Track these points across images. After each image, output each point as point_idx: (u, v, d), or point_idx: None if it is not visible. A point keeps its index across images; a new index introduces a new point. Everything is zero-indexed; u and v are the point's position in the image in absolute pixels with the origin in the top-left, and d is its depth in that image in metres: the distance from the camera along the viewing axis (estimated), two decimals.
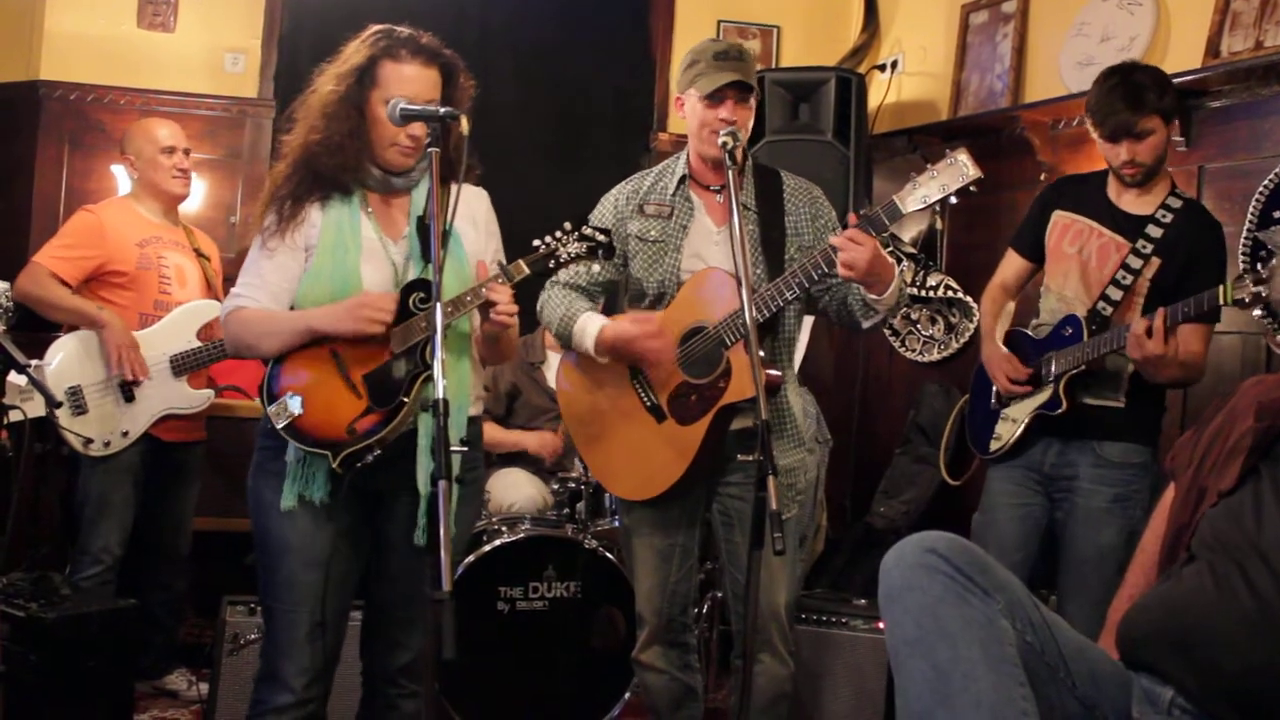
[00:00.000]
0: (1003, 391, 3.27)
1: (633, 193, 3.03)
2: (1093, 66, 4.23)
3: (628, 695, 3.66)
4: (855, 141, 4.75)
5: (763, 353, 2.76)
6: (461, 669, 3.40)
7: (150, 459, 3.83)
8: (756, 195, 2.96)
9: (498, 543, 3.62)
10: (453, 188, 2.39)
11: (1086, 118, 3.19)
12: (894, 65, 5.34)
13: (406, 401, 2.45)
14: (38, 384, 3.02)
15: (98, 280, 3.78)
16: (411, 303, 2.49)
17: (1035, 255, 3.38)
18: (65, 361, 3.69)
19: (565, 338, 2.99)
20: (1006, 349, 3.32)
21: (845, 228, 2.67)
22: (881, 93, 5.31)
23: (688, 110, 2.94)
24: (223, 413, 4.06)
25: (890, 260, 2.70)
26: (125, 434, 3.74)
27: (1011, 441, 3.24)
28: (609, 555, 3.68)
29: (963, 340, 4.90)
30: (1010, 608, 1.84)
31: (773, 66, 5.46)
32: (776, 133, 4.77)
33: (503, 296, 2.45)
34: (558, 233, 2.54)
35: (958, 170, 2.56)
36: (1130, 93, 3.05)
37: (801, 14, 5.66)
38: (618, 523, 3.30)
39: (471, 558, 3.58)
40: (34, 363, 3.43)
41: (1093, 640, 2.07)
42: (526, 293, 2.55)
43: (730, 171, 2.73)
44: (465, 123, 2.34)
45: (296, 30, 5.16)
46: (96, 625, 3.26)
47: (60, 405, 3.52)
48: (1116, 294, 3.12)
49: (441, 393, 2.11)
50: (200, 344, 3.79)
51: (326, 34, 2.65)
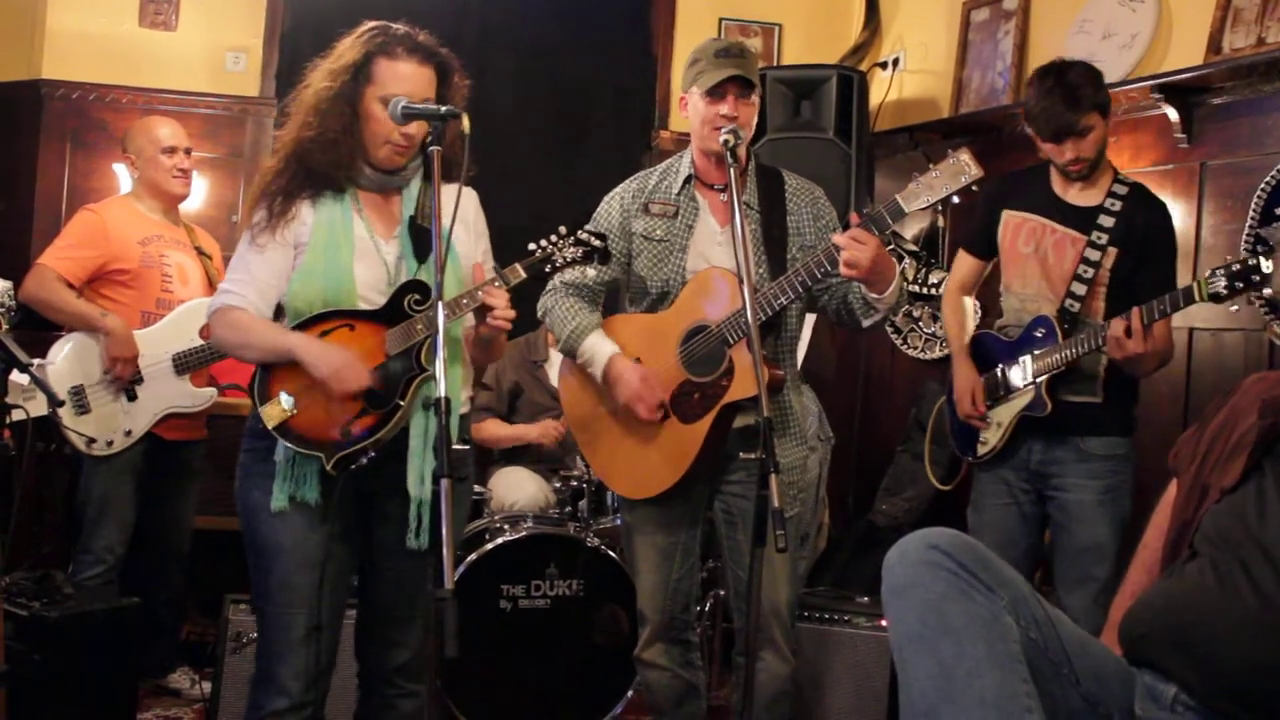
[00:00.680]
0: (961, 414, 3.32)
1: (637, 191, 3.03)
2: (1095, 64, 4.22)
3: (630, 693, 3.66)
4: (857, 139, 4.75)
5: (765, 351, 2.76)
6: (464, 667, 3.40)
7: (152, 458, 3.83)
8: (759, 195, 2.97)
9: (500, 541, 3.62)
10: (452, 188, 2.37)
11: (1026, 123, 3.24)
12: (895, 63, 5.34)
13: (403, 404, 2.44)
14: (40, 383, 3.02)
15: (100, 279, 3.78)
16: (407, 304, 2.48)
17: (986, 253, 3.44)
18: (68, 361, 3.69)
19: (571, 353, 3.00)
20: (974, 371, 3.33)
21: (847, 227, 2.68)
22: (883, 90, 5.31)
23: (690, 108, 2.94)
24: (224, 411, 4.05)
25: (891, 259, 2.71)
26: (128, 433, 3.74)
27: (999, 446, 3.27)
28: (611, 553, 3.68)
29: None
30: (1014, 604, 1.84)
31: (774, 64, 5.46)
32: (778, 131, 4.77)
33: (500, 301, 2.45)
34: (553, 236, 2.54)
35: (959, 169, 2.57)
36: (1068, 93, 3.11)
37: (803, 12, 5.66)
38: (620, 521, 3.30)
39: (474, 556, 3.58)
40: (36, 362, 3.43)
41: (1095, 635, 2.07)
42: (524, 294, 2.54)
43: (731, 169, 2.74)
44: (466, 122, 2.33)
45: (298, 29, 5.16)
46: (99, 624, 3.27)
47: (63, 404, 3.52)
48: (1081, 289, 3.17)
49: (443, 391, 2.11)
50: (202, 342, 3.78)
51: (328, 33, 2.63)
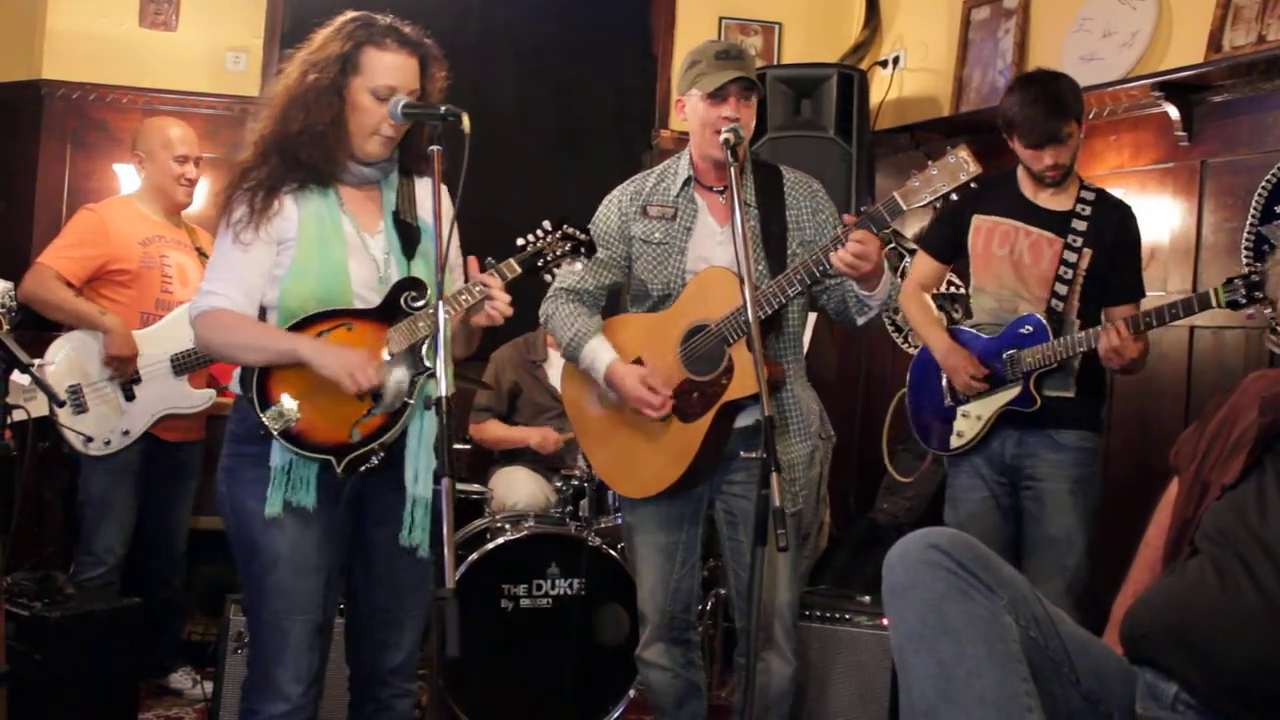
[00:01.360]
0: (963, 390, 3.35)
1: (635, 194, 3.03)
2: (1096, 62, 4.23)
3: (632, 692, 3.66)
4: (857, 138, 4.75)
5: (766, 349, 2.75)
6: (465, 667, 3.41)
7: (150, 458, 3.83)
8: (757, 191, 2.96)
9: (501, 541, 3.62)
10: (440, 184, 2.35)
11: (1006, 129, 3.30)
12: (895, 61, 5.34)
13: (410, 402, 2.44)
14: (41, 383, 3.02)
15: (100, 279, 3.78)
16: (404, 301, 2.46)
17: (948, 256, 3.53)
18: (66, 360, 3.69)
19: (572, 358, 3.01)
20: (961, 348, 3.39)
21: (843, 225, 2.68)
22: (883, 89, 5.31)
23: (689, 111, 2.93)
24: (223, 412, 4.04)
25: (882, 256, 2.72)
26: (126, 433, 3.74)
27: (976, 438, 3.34)
28: (612, 553, 3.68)
29: None
30: (1014, 603, 1.84)
31: (774, 63, 5.46)
32: (778, 129, 4.77)
33: (500, 294, 2.42)
34: (539, 231, 2.53)
35: (958, 167, 2.57)
36: (1053, 102, 3.22)
37: (803, 10, 5.65)
38: (621, 520, 3.30)
39: (475, 555, 3.58)
40: (37, 362, 3.43)
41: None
42: (522, 294, 2.53)
43: (732, 169, 2.73)
44: (466, 121, 2.32)
45: (298, 29, 5.09)
46: (101, 624, 3.27)
47: (63, 404, 3.51)
48: (1063, 289, 3.28)
49: (445, 391, 2.10)
50: None
51: None
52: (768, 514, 2.35)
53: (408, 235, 2.53)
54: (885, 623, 3.33)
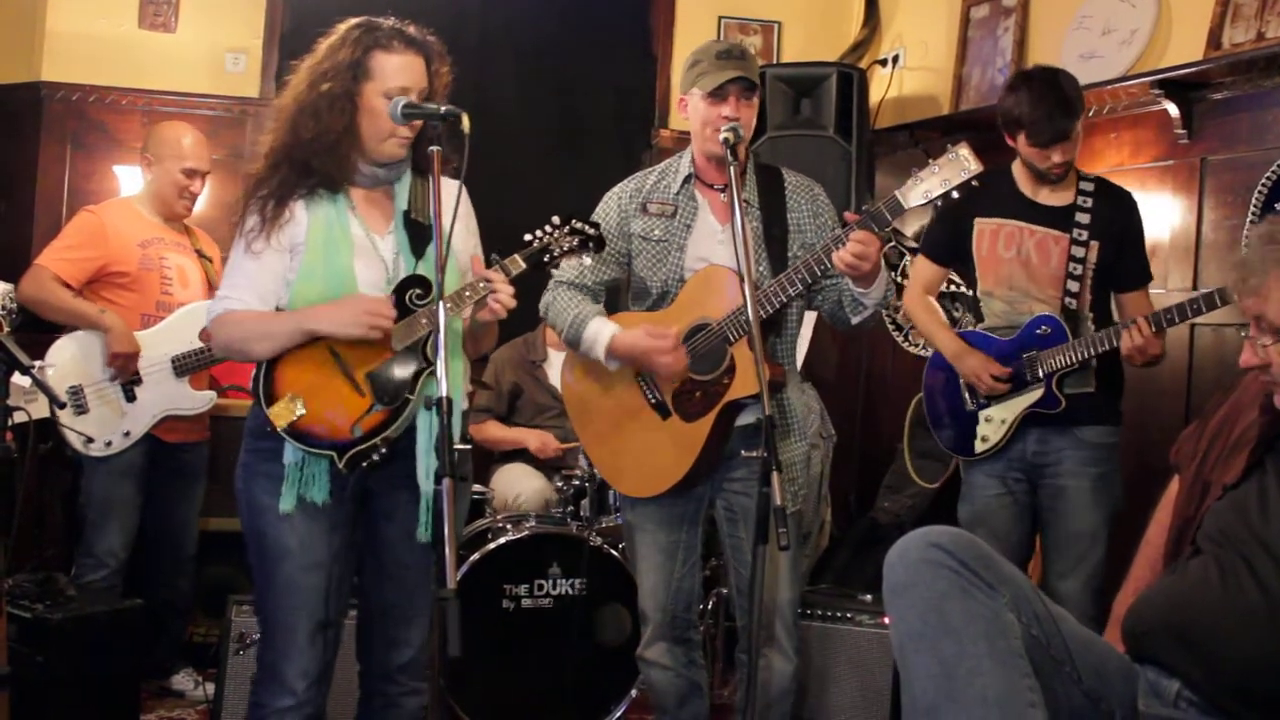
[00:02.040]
0: (985, 392, 3.31)
1: (635, 191, 3.03)
2: (1095, 60, 4.23)
3: (633, 692, 3.66)
4: (857, 137, 4.74)
5: (766, 350, 2.75)
6: (467, 667, 3.40)
7: (153, 460, 3.83)
8: (759, 192, 2.96)
9: (502, 540, 3.62)
10: (450, 184, 2.37)
11: (1011, 127, 3.26)
12: (895, 60, 5.33)
13: (411, 399, 2.45)
14: (42, 385, 3.02)
15: (100, 281, 3.78)
16: (409, 299, 2.47)
17: (950, 260, 3.51)
18: (67, 361, 3.68)
19: (574, 342, 2.98)
20: (978, 351, 3.35)
21: (843, 224, 2.68)
22: (883, 88, 5.30)
23: (690, 110, 2.94)
24: (226, 413, 4.05)
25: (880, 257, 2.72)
26: (127, 434, 3.74)
27: (1001, 442, 3.30)
28: (614, 552, 3.68)
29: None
30: (1015, 602, 1.84)
31: (774, 62, 5.45)
32: (778, 128, 4.77)
33: (502, 285, 2.43)
34: (547, 226, 2.54)
35: (959, 165, 2.57)
36: (1062, 101, 3.19)
37: (802, 9, 5.65)
38: (621, 519, 3.30)
39: (476, 555, 3.58)
40: (37, 364, 3.43)
41: (1088, 622, 2.07)
42: (524, 290, 2.54)
43: (732, 167, 2.73)
44: (466, 120, 2.33)
45: (297, 30, 5.15)
46: (102, 626, 3.27)
47: (64, 406, 3.51)
48: (1075, 286, 3.26)
49: (445, 390, 2.11)
50: (202, 345, 3.77)
51: (326, 33, 2.63)
52: (769, 512, 2.36)
53: (418, 234, 2.54)
54: (887, 621, 3.33)
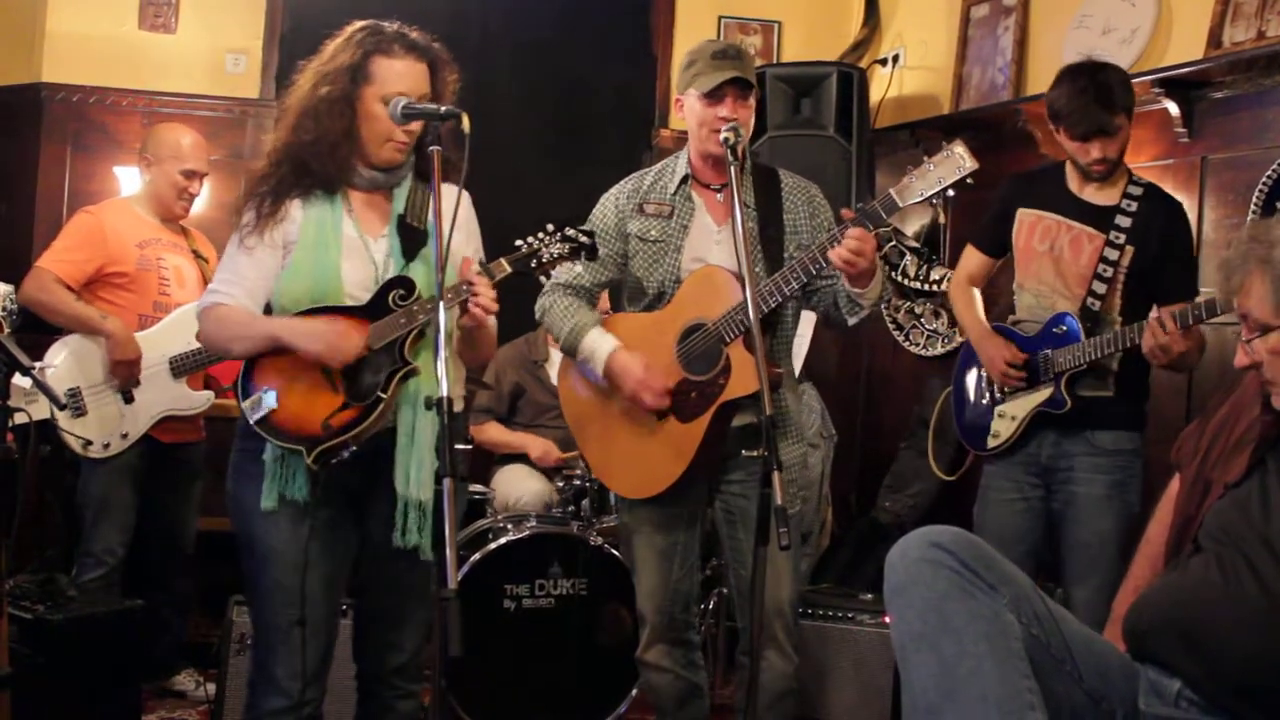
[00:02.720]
0: (999, 382, 3.28)
1: (633, 192, 3.03)
2: (1095, 58, 4.22)
3: (634, 692, 3.66)
4: (857, 136, 4.74)
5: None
6: (468, 667, 3.41)
7: (150, 460, 3.83)
8: (756, 193, 2.96)
9: (503, 540, 3.62)
10: (450, 188, 2.37)
11: (1054, 120, 3.22)
12: (895, 60, 5.33)
13: (384, 397, 2.43)
14: (42, 386, 3.02)
15: (98, 282, 3.77)
16: (391, 299, 2.47)
17: (996, 251, 3.44)
18: (65, 363, 3.69)
19: (571, 350, 2.98)
20: (1004, 342, 3.31)
21: (840, 222, 2.68)
22: (883, 87, 5.30)
23: (687, 110, 2.94)
24: (224, 414, 4.05)
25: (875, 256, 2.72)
26: (124, 436, 3.74)
27: (1011, 439, 3.26)
28: (614, 552, 3.68)
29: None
30: (1015, 601, 1.84)
31: (774, 62, 5.45)
32: (778, 128, 4.76)
33: (483, 288, 2.41)
34: (540, 234, 2.53)
35: (954, 163, 2.57)
36: (1102, 94, 3.10)
37: (802, 9, 5.65)
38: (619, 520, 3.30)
39: (477, 556, 3.58)
40: (38, 365, 3.43)
41: (1101, 629, 2.07)
42: (518, 293, 2.53)
43: (732, 168, 2.73)
44: (466, 121, 2.33)
45: (297, 31, 5.15)
46: (103, 627, 3.26)
47: (65, 407, 3.52)
48: (1101, 287, 3.17)
49: (445, 390, 2.10)
50: (199, 345, 3.77)
51: (327, 34, 2.63)
52: (769, 513, 2.35)
53: (411, 238, 2.54)
54: (888, 621, 3.33)
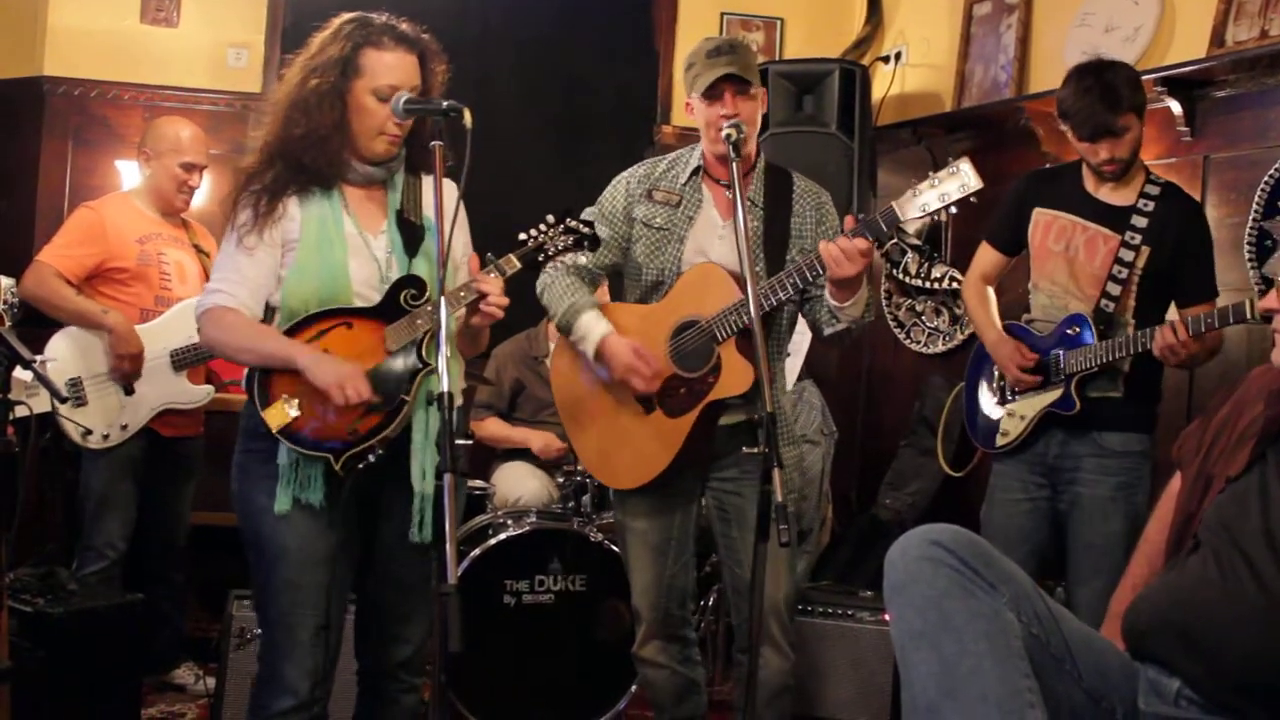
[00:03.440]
0: (1012, 382, 3.28)
1: (644, 176, 3.03)
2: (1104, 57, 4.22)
3: (634, 687, 3.66)
4: (859, 133, 4.74)
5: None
6: (468, 662, 3.41)
7: (149, 453, 3.84)
8: (765, 193, 2.97)
9: (503, 536, 3.63)
10: (446, 183, 2.37)
11: (1063, 120, 3.20)
12: (897, 57, 5.33)
13: (408, 399, 2.44)
14: (43, 379, 3.03)
15: (99, 277, 3.78)
16: (403, 299, 2.47)
17: (1011, 249, 3.42)
18: (65, 354, 3.69)
19: (565, 330, 2.98)
20: (1016, 342, 3.31)
21: (843, 231, 2.68)
22: (885, 84, 5.30)
23: (695, 112, 2.94)
24: (224, 407, 4.05)
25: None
26: (124, 427, 3.75)
27: (1020, 438, 3.26)
28: (614, 548, 3.68)
29: (967, 332, 4.89)
30: (1015, 600, 1.84)
31: (776, 59, 5.45)
32: (780, 125, 4.77)
33: (494, 288, 2.42)
34: (542, 225, 2.53)
35: (959, 180, 2.58)
36: (1106, 93, 3.08)
37: (804, 6, 5.65)
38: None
39: (477, 551, 3.58)
40: (38, 358, 3.43)
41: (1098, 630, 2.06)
42: (523, 287, 2.54)
43: (733, 165, 2.73)
44: (468, 116, 2.32)
45: (299, 25, 5.13)
46: (104, 620, 3.27)
47: (66, 400, 3.52)
48: (1116, 289, 3.15)
49: (447, 386, 2.11)
50: (200, 340, 3.78)
51: None
52: (769, 510, 2.36)
53: (411, 234, 2.54)
54: (887, 619, 3.33)
